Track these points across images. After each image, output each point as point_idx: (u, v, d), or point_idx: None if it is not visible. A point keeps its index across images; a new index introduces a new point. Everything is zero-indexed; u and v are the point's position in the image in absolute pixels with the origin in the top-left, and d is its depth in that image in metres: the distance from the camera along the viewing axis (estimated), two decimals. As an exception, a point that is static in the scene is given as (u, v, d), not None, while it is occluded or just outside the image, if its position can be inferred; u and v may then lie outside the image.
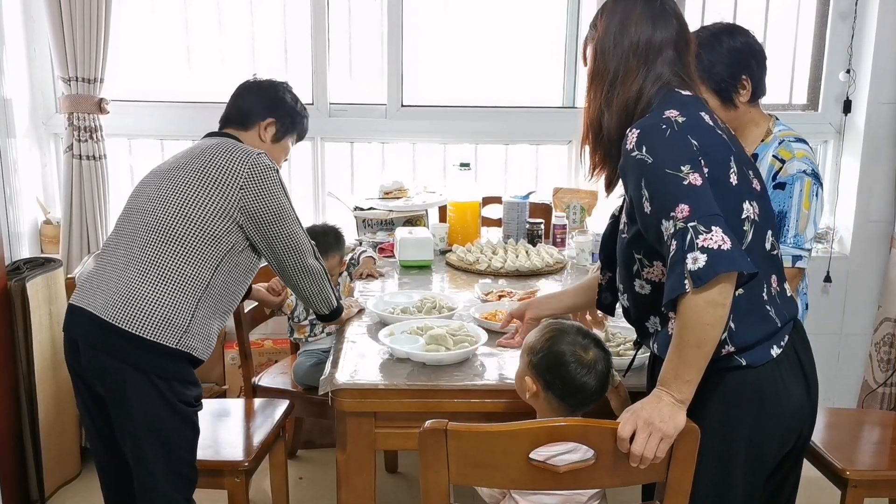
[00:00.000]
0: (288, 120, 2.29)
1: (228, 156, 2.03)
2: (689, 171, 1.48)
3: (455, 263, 2.82)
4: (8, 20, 3.03)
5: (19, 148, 3.10)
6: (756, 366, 1.57)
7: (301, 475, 3.14)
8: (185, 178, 2.02)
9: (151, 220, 2.00)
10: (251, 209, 2.01)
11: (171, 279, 1.94)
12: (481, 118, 3.53)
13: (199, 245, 1.97)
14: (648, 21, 1.63)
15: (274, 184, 2.05)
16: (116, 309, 1.92)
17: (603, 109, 1.65)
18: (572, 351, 1.63)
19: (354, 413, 1.83)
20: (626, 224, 1.66)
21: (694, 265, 1.43)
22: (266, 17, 3.46)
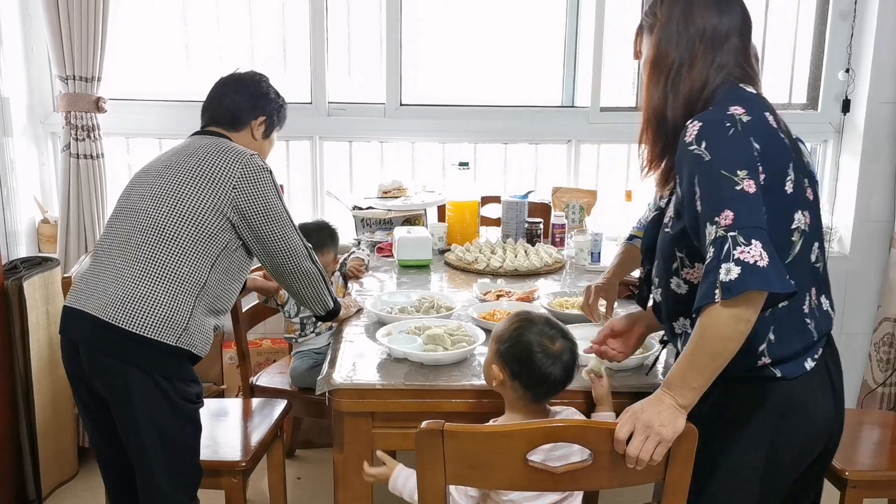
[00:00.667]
0: (275, 115, 2.31)
1: (222, 155, 2.04)
2: (745, 176, 1.44)
3: (454, 263, 2.81)
4: (6, 19, 3.02)
5: (17, 146, 3.10)
6: (790, 378, 1.56)
7: (299, 475, 3.14)
8: (179, 177, 2.01)
9: (146, 219, 1.99)
10: (243, 208, 2.02)
11: (168, 278, 1.95)
12: (480, 117, 3.52)
13: (195, 243, 1.98)
14: (713, 7, 1.59)
15: (267, 184, 2.06)
16: (116, 309, 1.91)
17: (667, 98, 1.60)
18: (539, 341, 1.63)
19: (352, 413, 1.82)
20: (672, 219, 1.62)
21: (726, 276, 1.39)
22: (265, 16, 3.45)
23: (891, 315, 3.44)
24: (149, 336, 1.91)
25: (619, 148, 3.65)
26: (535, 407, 1.66)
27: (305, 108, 3.43)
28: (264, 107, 2.25)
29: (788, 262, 1.53)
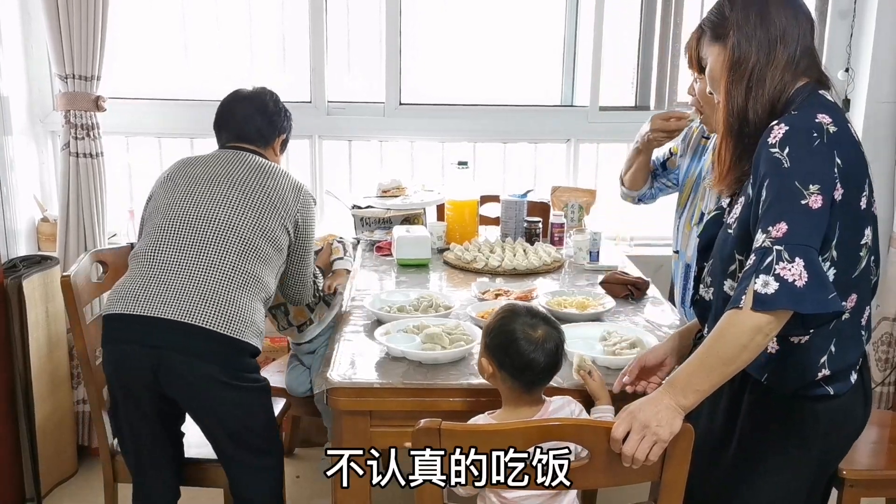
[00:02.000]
0: (289, 131, 2.52)
1: (290, 183, 2.28)
2: (816, 191, 1.43)
3: (452, 262, 2.81)
4: (5, 18, 3.02)
5: (16, 145, 3.10)
6: (840, 395, 1.58)
7: (298, 474, 3.14)
8: (253, 192, 2.19)
9: (228, 230, 2.12)
10: (299, 233, 2.28)
11: (251, 286, 2.11)
12: (479, 116, 3.52)
13: (272, 257, 2.19)
14: (789, 7, 1.58)
15: (314, 216, 2.34)
16: (209, 314, 2.01)
17: (749, 100, 1.58)
18: (521, 329, 1.64)
19: (350, 412, 1.82)
20: (738, 221, 1.60)
21: (763, 289, 1.39)
22: (264, 15, 3.45)
23: (889, 314, 3.44)
24: (239, 338, 2.04)
25: (619, 147, 3.64)
26: (528, 398, 1.67)
27: (305, 107, 3.43)
28: (282, 125, 2.45)
29: (855, 276, 1.54)
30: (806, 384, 1.56)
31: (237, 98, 2.42)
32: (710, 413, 1.69)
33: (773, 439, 1.60)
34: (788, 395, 1.58)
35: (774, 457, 1.60)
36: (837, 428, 1.60)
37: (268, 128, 2.39)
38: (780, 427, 1.60)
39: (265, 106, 2.40)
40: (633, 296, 2.45)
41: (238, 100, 2.41)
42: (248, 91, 2.45)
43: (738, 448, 1.64)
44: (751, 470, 1.62)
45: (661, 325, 2.24)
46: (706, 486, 1.63)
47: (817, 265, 1.41)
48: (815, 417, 1.58)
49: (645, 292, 2.49)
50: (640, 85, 3.67)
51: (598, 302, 2.34)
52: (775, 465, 1.60)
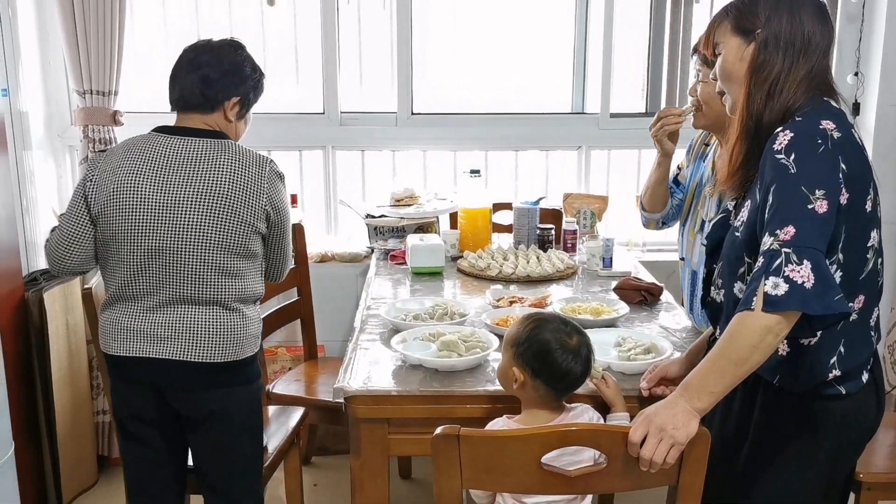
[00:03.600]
0: (252, 94, 2.14)
1: (248, 175, 1.98)
2: (821, 196, 1.45)
3: (466, 269, 2.83)
4: (24, 34, 3.07)
5: (35, 159, 3.14)
6: (852, 394, 1.59)
7: (315, 482, 3.16)
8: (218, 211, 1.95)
9: (193, 260, 1.96)
10: (275, 222, 2.07)
11: (238, 306, 2.03)
12: (491, 125, 3.55)
13: (250, 269, 2.05)
14: (817, 17, 1.59)
15: (283, 192, 2.08)
16: (201, 349, 1.99)
17: (766, 107, 1.58)
18: (557, 338, 1.67)
19: (368, 419, 1.84)
20: (745, 223, 1.61)
21: (773, 290, 1.42)
22: (277, 28, 3.49)
23: (904, 317, 3.44)
24: (239, 359, 2.03)
25: (630, 153, 3.67)
26: (554, 405, 1.69)
27: (318, 118, 3.47)
28: (238, 86, 2.08)
29: (862, 278, 1.57)
30: (818, 384, 1.58)
31: (192, 48, 2.11)
32: (722, 415, 1.70)
33: (787, 440, 1.61)
34: (800, 396, 1.59)
35: (788, 457, 1.61)
36: (850, 427, 1.61)
37: (215, 86, 2.04)
38: (792, 427, 1.61)
39: (216, 58, 2.06)
40: (647, 301, 2.47)
41: (192, 50, 2.10)
42: (208, 43, 2.12)
43: (751, 449, 1.65)
44: (764, 471, 1.64)
45: (676, 330, 2.26)
46: (720, 489, 1.65)
47: (824, 267, 1.44)
48: (827, 417, 1.59)
49: (659, 298, 2.50)
50: (651, 91, 3.69)
51: (612, 308, 2.35)
52: (789, 465, 1.61)
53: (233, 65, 2.07)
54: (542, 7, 3.60)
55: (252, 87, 2.12)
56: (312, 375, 3.02)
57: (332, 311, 3.28)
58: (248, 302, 2.07)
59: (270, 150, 3.52)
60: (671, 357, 1.95)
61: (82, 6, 2.99)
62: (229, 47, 2.10)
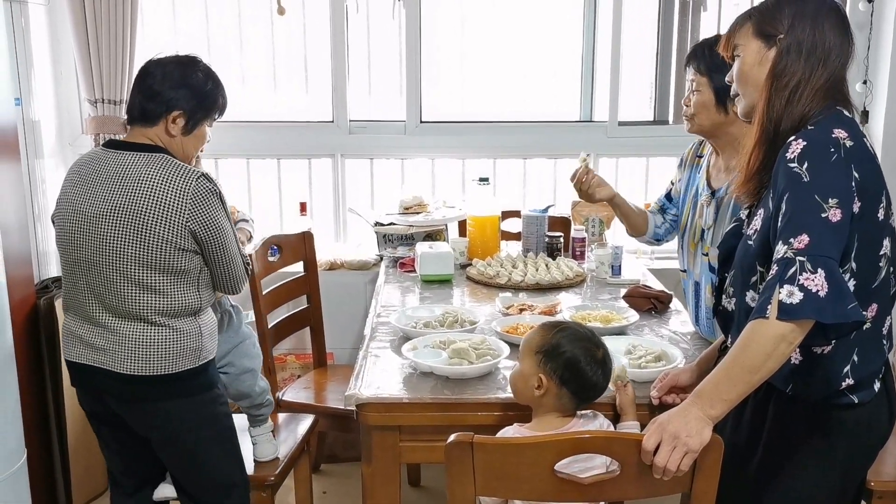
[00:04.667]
0: (199, 110, 2.06)
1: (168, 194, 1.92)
2: (835, 205, 1.45)
3: (475, 277, 2.84)
4: (36, 43, 3.09)
5: (47, 168, 3.16)
6: (865, 403, 1.59)
7: (325, 489, 3.16)
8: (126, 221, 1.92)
9: (112, 270, 1.94)
10: (205, 237, 1.97)
11: (167, 320, 1.98)
12: (499, 133, 3.56)
13: (176, 285, 1.98)
14: (839, 27, 1.59)
15: (215, 208, 1.97)
16: (133, 361, 1.98)
17: (784, 112, 1.58)
18: (586, 348, 1.69)
19: (379, 427, 1.85)
20: (758, 232, 1.61)
21: (788, 299, 1.42)
22: (286, 38, 3.51)
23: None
24: (173, 373, 2.00)
25: (638, 161, 3.67)
26: (570, 412, 1.71)
27: (327, 126, 3.49)
28: (181, 100, 2.01)
29: (875, 287, 1.56)
30: (830, 393, 1.58)
31: (147, 63, 2.06)
32: (734, 423, 1.70)
33: (799, 448, 1.61)
34: (813, 404, 1.59)
35: (800, 466, 1.61)
36: (862, 436, 1.61)
37: (155, 98, 1.99)
38: (805, 436, 1.61)
39: (163, 71, 2.02)
40: (657, 309, 2.47)
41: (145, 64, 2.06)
42: (161, 58, 2.06)
43: (763, 458, 1.65)
44: (776, 479, 1.63)
45: (686, 337, 2.26)
46: (731, 496, 1.65)
47: (838, 276, 1.44)
48: (839, 426, 1.59)
49: (668, 305, 2.50)
50: (658, 100, 3.70)
51: (621, 316, 2.36)
52: (801, 473, 1.61)
53: (178, 79, 2.02)
54: (550, 16, 3.62)
55: (200, 103, 2.05)
56: (322, 383, 3.03)
57: (341, 319, 3.29)
58: (180, 316, 2.00)
59: (280, 158, 3.54)
60: (681, 365, 1.95)
61: (94, 15, 3.02)
62: (178, 62, 2.06)
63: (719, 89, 2.12)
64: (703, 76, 2.17)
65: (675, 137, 3.46)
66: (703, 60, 2.17)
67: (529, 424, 1.71)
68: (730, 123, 2.17)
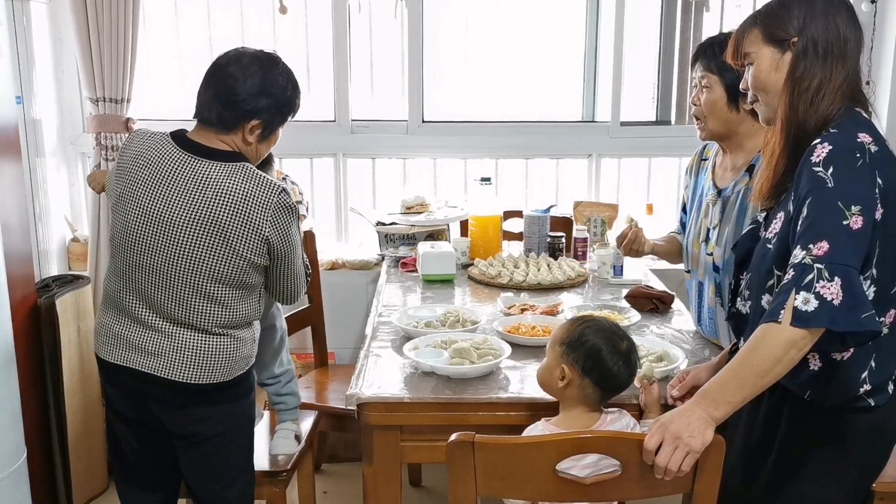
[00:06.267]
0: (277, 117, 1.98)
1: (249, 206, 1.86)
2: (857, 212, 1.44)
3: (477, 277, 2.83)
4: (37, 42, 3.10)
5: (48, 167, 3.17)
6: (880, 406, 1.58)
7: (325, 489, 3.16)
8: (204, 233, 1.86)
9: (180, 279, 1.89)
10: (277, 251, 1.95)
11: (226, 332, 1.96)
12: (501, 133, 3.56)
13: (245, 300, 1.97)
14: (850, 19, 1.56)
15: (290, 223, 1.94)
16: (188, 369, 1.93)
17: (808, 116, 1.55)
18: (608, 339, 1.69)
19: (380, 427, 1.84)
20: (777, 235, 1.59)
21: (804, 306, 1.41)
22: (288, 37, 3.51)
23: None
24: (227, 381, 1.99)
25: (640, 162, 3.67)
26: (595, 406, 1.70)
27: (329, 125, 3.49)
28: (261, 110, 1.93)
29: (894, 293, 1.55)
30: (848, 399, 1.56)
31: (224, 58, 1.94)
32: (747, 425, 1.69)
33: (814, 453, 1.60)
34: (829, 409, 1.58)
35: (815, 469, 1.60)
36: (877, 438, 1.60)
37: (230, 109, 1.90)
38: (821, 440, 1.59)
39: (245, 75, 1.90)
40: (659, 309, 2.46)
41: (222, 62, 1.93)
42: (240, 54, 1.94)
43: (777, 460, 1.64)
44: (791, 482, 1.62)
45: (688, 337, 2.25)
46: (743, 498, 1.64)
47: (855, 285, 1.42)
48: (855, 429, 1.58)
49: (670, 306, 2.50)
50: (661, 100, 3.70)
51: (623, 316, 2.35)
52: (816, 476, 1.60)
53: (259, 85, 1.91)
54: (552, 15, 3.61)
55: (278, 110, 1.96)
56: (323, 383, 3.02)
57: (342, 319, 3.29)
58: (240, 326, 1.98)
59: (281, 157, 3.53)
60: (682, 366, 1.95)
61: (95, 14, 3.02)
62: (259, 63, 1.93)
63: (730, 86, 2.10)
64: (714, 74, 2.15)
65: (678, 138, 3.48)
66: (712, 58, 2.14)
67: (556, 419, 1.71)
68: (740, 122, 2.15)
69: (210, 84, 1.94)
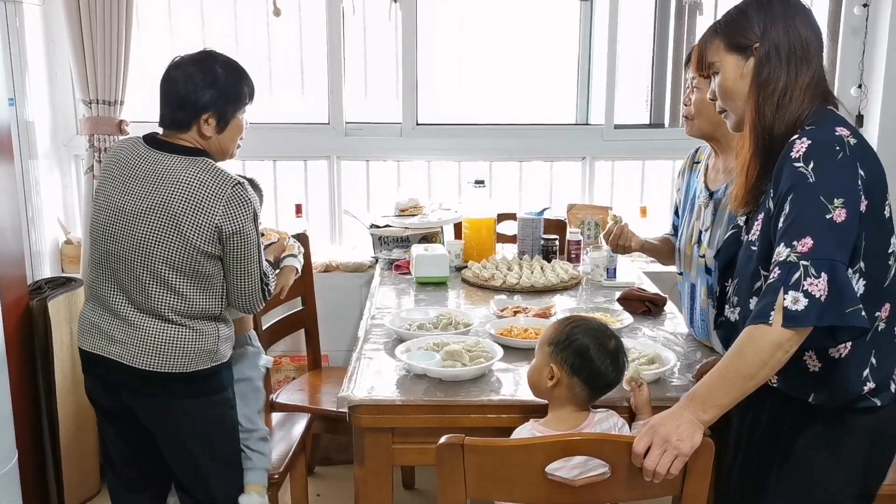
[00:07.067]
0: (226, 103, 2.04)
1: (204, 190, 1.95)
2: (840, 205, 1.43)
3: (471, 279, 2.84)
4: (30, 44, 3.09)
5: (41, 169, 3.16)
6: (885, 405, 1.57)
7: (319, 492, 3.16)
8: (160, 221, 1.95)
9: (142, 270, 1.98)
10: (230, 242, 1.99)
11: (187, 320, 2.02)
12: (495, 135, 3.56)
13: (199, 291, 2.02)
14: (807, 21, 1.58)
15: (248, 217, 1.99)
16: (148, 356, 2.00)
17: (775, 118, 1.57)
18: (596, 338, 1.69)
19: (372, 429, 1.84)
20: (759, 236, 1.59)
21: (794, 305, 1.40)
22: (282, 39, 3.51)
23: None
24: (188, 372, 2.01)
25: (634, 164, 3.67)
26: (584, 406, 1.70)
27: (323, 128, 3.49)
28: (208, 103, 2.01)
29: (886, 286, 1.54)
30: (853, 398, 1.55)
31: (168, 67, 2.06)
32: (750, 427, 1.68)
33: (819, 455, 1.58)
34: (833, 411, 1.57)
35: (821, 470, 1.58)
36: (883, 438, 1.59)
37: (180, 109, 2.01)
38: (827, 443, 1.58)
39: (186, 73, 2.01)
40: (651, 312, 2.47)
41: (167, 69, 2.05)
42: (187, 57, 2.05)
43: (782, 466, 1.62)
44: (797, 483, 1.61)
45: (680, 340, 2.25)
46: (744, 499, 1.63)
47: (840, 279, 1.41)
48: (862, 430, 1.57)
49: (663, 308, 2.50)
50: (655, 103, 3.71)
51: (616, 318, 2.35)
52: (822, 477, 1.58)
53: (200, 80, 2.01)
54: (546, 18, 3.62)
55: (225, 98, 2.03)
56: (316, 385, 3.02)
57: (336, 321, 3.29)
58: (200, 318, 2.03)
59: (275, 160, 3.54)
60: (676, 369, 1.95)
61: (89, 16, 3.01)
62: (195, 62, 2.04)
63: None
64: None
65: (672, 140, 3.49)
66: None
67: (544, 420, 1.71)
68: None
69: (161, 94, 2.07)
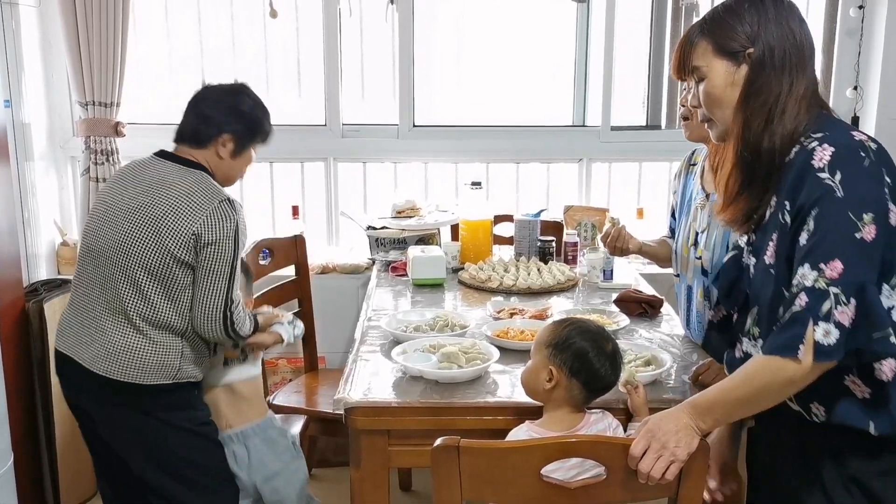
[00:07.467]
0: (247, 133, 2.17)
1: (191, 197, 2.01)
2: (870, 221, 1.31)
3: (467, 281, 2.83)
4: (26, 45, 3.09)
5: (37, 171, 3.16)
6: None
7: (316, 494, 3.14)
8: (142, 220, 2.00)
9: (116, 270, 2.01)
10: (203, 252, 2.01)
11: (150, 327, 2.02)
12: (492, 137, 3.56)
13: (165, 298, 2.02)
14: (799, 20, 1.45)
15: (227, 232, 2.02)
16: (106, 362, 2.01)
17: (763, 132, 1.44)
18: (595, 341, 1.69)
19: (368, 431, 1.84)
20: (776, 257, 1.45)
21: (825, 339, 1.30)
22: (279, 41, 3.51)
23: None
24: (139, 384, 2.01)
25: (630, 166, 3.68)
26: (579, 407, 1.70)
27: (320, 130, 3.49)
28: (232, 124, 2.13)
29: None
30: None
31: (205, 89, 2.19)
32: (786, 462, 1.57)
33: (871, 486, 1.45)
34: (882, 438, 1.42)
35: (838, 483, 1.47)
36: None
37: (208, 121, 2.11)
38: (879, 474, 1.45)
39: (216, 97, 2.15)
40: (648, 314, 2.47)
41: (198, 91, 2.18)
42: (223, 84, 2.21)
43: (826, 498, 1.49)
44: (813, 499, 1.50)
45: (677, 342, 2.25)
46: None
47: (869, 300, 1.31)
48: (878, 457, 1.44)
49: (659, 310, 2.50)
50: (651, 105, 3.71)
51: (612, 320, 2.35)
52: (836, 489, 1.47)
53: (230, 105, 2.15)
54: (543, 20, 3.62)
55: (248, 128, 2.16)
56: (313, 387, 3.02)
57: (332, 323, 3.29)
58: (163, 330, 2.03)
59: (272, 161, 3.54)
60: (673, 370, 1.95)
61: (85, 18, 3.01)
62: (230, 90, 2.19)
63: None
64: None
65: (668, 142, 3.49)
66: None
67: (540, 421, 1.70)
68: None
69: (188, 107, 2.18)
